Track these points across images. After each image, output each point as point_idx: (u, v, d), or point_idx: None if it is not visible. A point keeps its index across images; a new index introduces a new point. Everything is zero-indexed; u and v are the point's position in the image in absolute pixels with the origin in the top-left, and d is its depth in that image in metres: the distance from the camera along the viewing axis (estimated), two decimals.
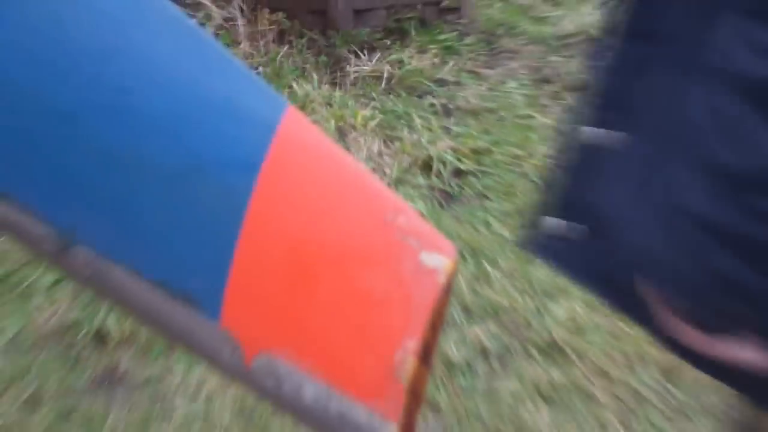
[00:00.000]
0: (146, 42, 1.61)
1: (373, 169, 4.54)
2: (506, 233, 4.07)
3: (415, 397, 1.48)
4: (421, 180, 4.54)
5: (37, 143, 1.64)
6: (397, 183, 4.40)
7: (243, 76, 1.63)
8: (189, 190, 1.59)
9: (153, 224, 1.62)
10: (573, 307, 3.61)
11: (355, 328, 1.52)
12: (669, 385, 3.19)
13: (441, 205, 4.36)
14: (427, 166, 4.54)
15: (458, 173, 4.55)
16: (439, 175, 4.53)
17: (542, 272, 3.73)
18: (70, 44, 1.60)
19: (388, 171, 4.46)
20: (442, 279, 1.45)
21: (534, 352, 3.43)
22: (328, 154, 1.60)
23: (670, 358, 2.50)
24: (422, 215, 1.64)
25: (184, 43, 1.62)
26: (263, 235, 1.56)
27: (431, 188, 4.48)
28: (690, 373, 3.04)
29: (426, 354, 1.47)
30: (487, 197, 4.43)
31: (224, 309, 1.59)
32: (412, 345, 1.45)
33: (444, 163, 4.55)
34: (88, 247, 1.65)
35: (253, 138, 1.59)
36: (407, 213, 1.52)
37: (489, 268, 3.90)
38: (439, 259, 1.46)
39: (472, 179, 4.53)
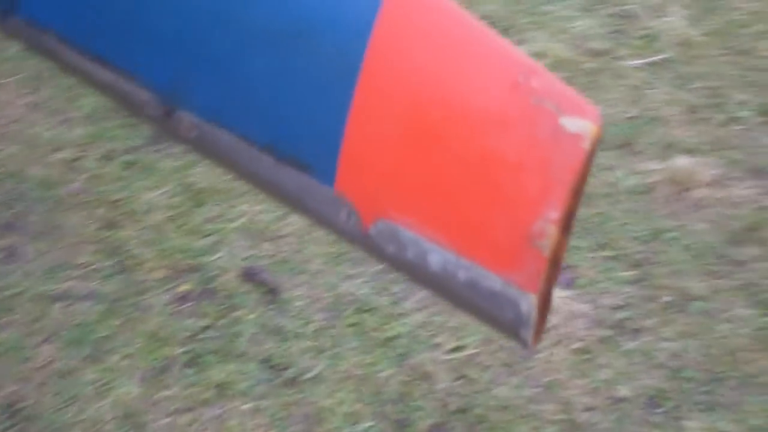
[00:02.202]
0: None
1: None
2: None
3: (554, 267, 1.42)
4: None
5: (137, 6, 1.63)
6: None
7: None
8: (298, 53, 1.55)
9: (260, 88, 1.60)
10: None
11: (487, 195, 1.44)
12: None
13: None
14: None
15: None
16: None
17: None
18: None
19: None
20: (585, 145, 1.35)
21: None
22: (446, 10, 1.49)
23: None
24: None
25: None
26: (378, 99, 1.50)
27: None
28: None
29: (567, 223, 1.40)
30: None
31: (339, 173, 1.56)
32: (553, 215, 1.37)
33: None
34: (192, 111, 1.67)
35: None
36: (542, 74, 1.41)
37: None
38: (581, 124, 1.36)
39: None
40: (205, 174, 3.98)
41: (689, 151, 3.99)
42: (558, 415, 3.01)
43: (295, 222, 3.68)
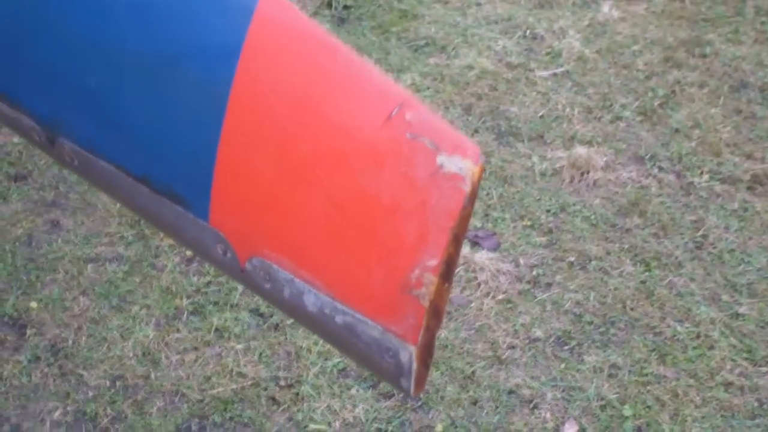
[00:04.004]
0: None
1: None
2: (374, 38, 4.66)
3: (435, 316, 1.04)
4: (326, 12, 4.87)
5: (15, 35, 1.24)
6: (314, 15, 4.82)
7: None
8: (168, 80, 1.16)
9: (134, 118, 1.20)
10: None
11: (361, 238, 1.06)
12: None
13: (338, 26, 4.78)
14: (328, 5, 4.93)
15: (345, 7, 4.94)
16: (335, 8, 4.91)
17: None
18: None
19: (308, 8, 4.95)
20: (465, 186, 0.98)
21: None
22: (314, 37, 1.08)
23: None
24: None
25: None
26: (248, 129, 1.11)
27: (332, 17, 4.85)
28: None
29: (448, 270, 1.02)
30: (362, 19, 4.84)
31: (212, 208, 1.17)
32: (431, 263, 1.00)
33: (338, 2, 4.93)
34: (71, 139, 1.27)
35: (230, 21, 1.11)
36: (417, 108, 1.03)
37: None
38: (461, 164, 0.97)
39: (353, 10, 4.93)
40: None
41: (587, 143, 3.84)
42: (487, 353, 2.88)
43: None
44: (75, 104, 1.25)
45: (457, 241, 1.01)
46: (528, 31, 4.67)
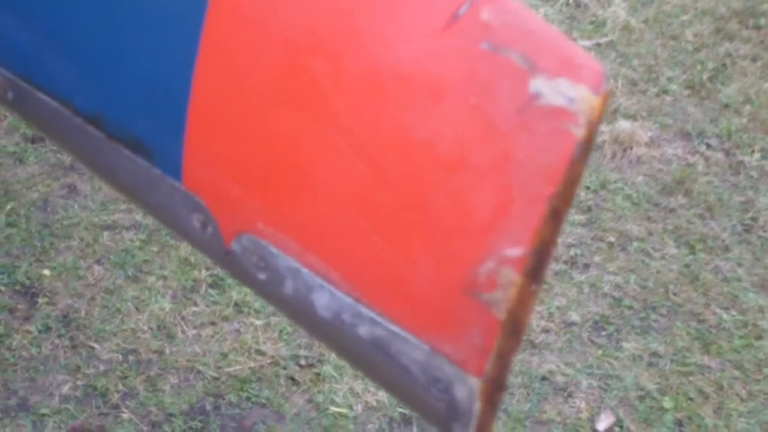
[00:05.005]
0: None
1: None
2: None
3: (514, 335, 0.67)
4: None
5: None
6: None
7: None
8: None
9: (79, 32, 0.85)
10: None
11: (402, 211, 0.67)
12: None
13: None
14: None
15: None
16: None
17: None
18: None
19: None
20: (577, 129, 0.64)
21: None
22: None
23: None
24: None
25: None
26: (234, 45, 0.73)
27: None
28: None
29: (538, 264, 0.65)
30: None
31: (186, 161, 0.80)
32: (514, 252, 0.63)
33: None
34: (2, 62, 0.92)
35: None
36: (500, 2, 0.64)
37: None
38: (571, 91, 0.61)
39: None
40: None
41: (630, 117, 3.67)
42: None
43: None
44: (6, 16, 0.91)
45: (556, 220, 0.67)
46: None
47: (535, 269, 0.65)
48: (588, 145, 0.65)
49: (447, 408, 0.71)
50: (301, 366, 2.60)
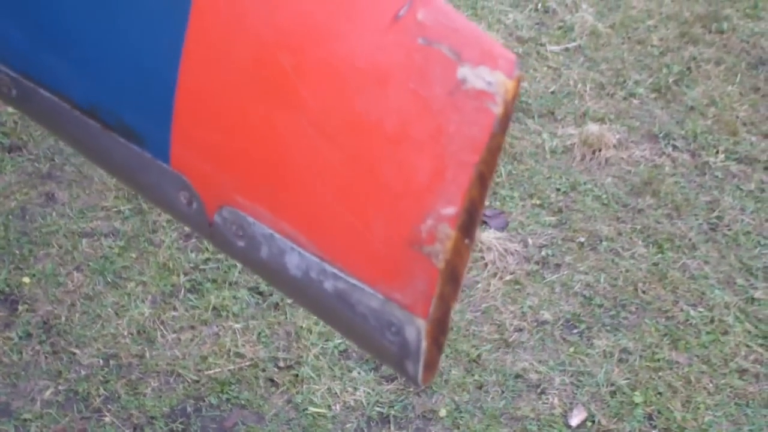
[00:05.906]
0: None
1: None
2: None
3: (452, 281, 0.79)
4: None
5: None
6: None
7: None
8: None
9: (74, 31, 0.96)
10: None
11: (357, 180, 0.81)
12: None
13: None
14: None
15: None
16: None
17: None
18: None
19: None
20: (495, 107, 0.73)
21: None
22: None
23: None
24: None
25: None
26: (215, 41, 0.86)
27: None
28: None
29: (470, 220, 0.77)
30: None
31: (174, 146, 0.94)
32: (448, 210, 0.75)
33: None
34: (5, 61, 1.03)
35: None
36: (433, 5, 0.77)
37: None
38: (490, 77, 0.72)
39: None
40: None
41: (598, 120, 3.74)
42: (493, 335, 2.79)
43: None
44: (6, 17, 1.02)
45: (482, 182, 0.76)
46: (540, 5, 4.56)
47: (467, 225, 0.78)
48: (506, 119, 0.75)
49: (399, 348, 0.85)
50: (279, 368, 2.65)
